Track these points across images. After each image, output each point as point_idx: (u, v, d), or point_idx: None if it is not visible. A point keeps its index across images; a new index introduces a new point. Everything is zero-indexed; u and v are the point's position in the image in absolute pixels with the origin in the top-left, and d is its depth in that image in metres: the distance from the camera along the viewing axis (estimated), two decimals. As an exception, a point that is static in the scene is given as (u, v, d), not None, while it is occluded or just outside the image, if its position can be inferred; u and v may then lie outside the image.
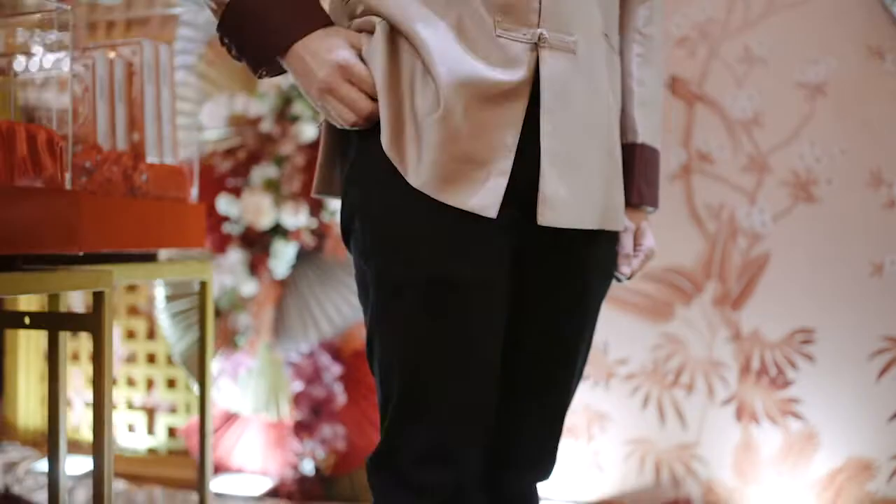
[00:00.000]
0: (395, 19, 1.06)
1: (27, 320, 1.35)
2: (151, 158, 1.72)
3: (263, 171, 2.68)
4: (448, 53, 1.04)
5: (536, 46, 1.07)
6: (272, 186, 2.68)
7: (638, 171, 1.26)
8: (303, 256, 2.76)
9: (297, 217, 2.65)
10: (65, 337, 1.43)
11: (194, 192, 1.84)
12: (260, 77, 1.13)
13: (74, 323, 1.35)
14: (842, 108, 2.43)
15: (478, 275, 1.08)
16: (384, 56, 1.06)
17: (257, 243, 2.69)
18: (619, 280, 1.27)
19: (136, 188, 1.66)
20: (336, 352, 2.76)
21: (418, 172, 1.04)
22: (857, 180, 2.42)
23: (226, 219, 2.75)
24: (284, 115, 2.69)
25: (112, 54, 1.65)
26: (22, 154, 1.25)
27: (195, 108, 2.79)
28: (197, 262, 1.81)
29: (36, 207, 1.25)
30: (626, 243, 1.26)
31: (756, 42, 2.50)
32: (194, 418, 2.93)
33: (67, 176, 1.33)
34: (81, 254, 1.34)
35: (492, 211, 1.05)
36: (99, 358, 1.29)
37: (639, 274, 1.50)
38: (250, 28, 1.07)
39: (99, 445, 1.29)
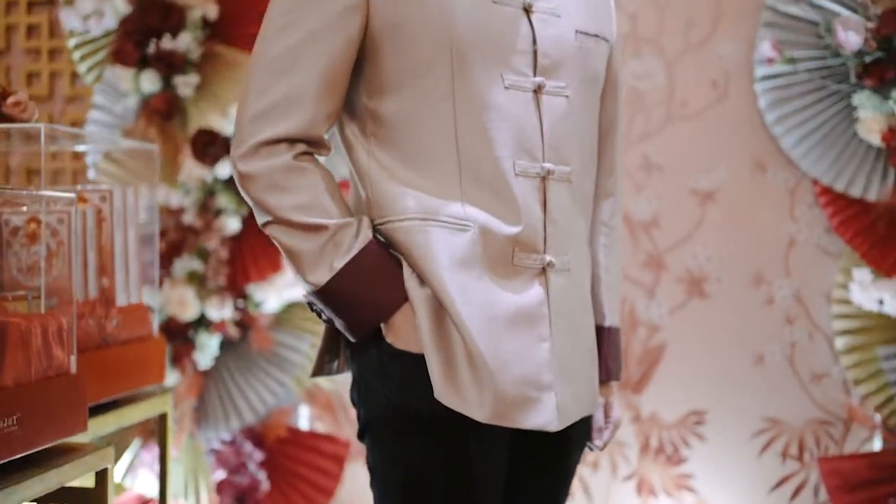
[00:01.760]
0: (428, 278, 1.18)
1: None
2: (120, 300, 1.76)
3: (186, 264, 2.70)
4: (477, 306, 1.17)
5: (545, 270, 1.23)
6: (196, 279, 2.71)
7: (606, 352, 1.44)
8: (226, 346, 2.80)
9: (222, 310, 2.70)
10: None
11: (155, 325, 1.88)
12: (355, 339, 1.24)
13: (79, 499, 1.38)
14: (730, 214, 2.72)
15: (489, 471, 1.23)
16: (428, 322, 1.17)
17: (179, 335, 2.71)
18: (591, 450, 1.44)
19: (107, 335, 1.70)
20: (258, 438, 2.82)
21: (482, 407, 1.17)
22: (742, 279, 2.71)
23: (145, 308, 2.75)
24: (208, 208, 2.72)
25: (84, 206, 1.68)
26: (37, 348, 1.29)
27: (112, 196, 2.76)
28: (158, 397, 1.85)
29: (48, 399, 1.29)
30: (598, 417, 1.43)
31: (654, 151, 2.75)
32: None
33: (73, 359, 1.37)
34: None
35: (554, 425, 1.20)
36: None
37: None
38: (346, 307, 1.19)
39: None
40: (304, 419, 2.92)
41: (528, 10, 1.26)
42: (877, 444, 2.60)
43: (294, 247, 1.20)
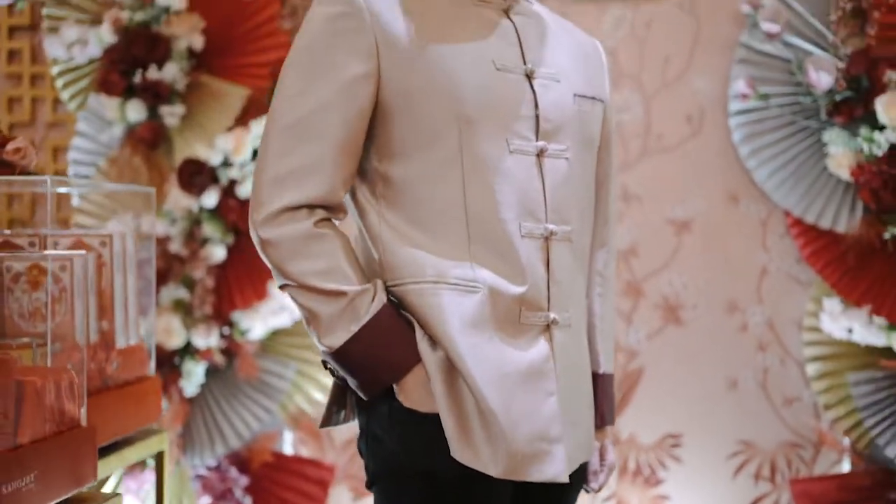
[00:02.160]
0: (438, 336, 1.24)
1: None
2: (119, 342, 1.79)
3: (172, 292, 2.73)
4: (488, 366, 1.23)
5: (549, 326, 1.29)
6: (182, 307, 2.74)
7: (601, 398, 1.50)
8: (211, 373, 2.82)
9: (208, 338, 2.72)
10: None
11: (152, 365, 1.91)
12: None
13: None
14: (705, 244, 2.80)
15: None
16: (441, 383, 1.23)
17: (165, 363, 2.73)
18: (587, 492, 1.50)
19: (107, 378, 1.73)
20: (244, 464, 2.85)
21: (496, 463, 1.22)
22: (716, 307, 2.80)
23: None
24: (194, 237, 2.75)
25: (85, 251, 1.70)
26: (50, 404, 1.32)
27: (99, 223, 2.78)
28: (156, 435, 1.87)
29: (62, 453, 1.33)
30: (594, 461, 1.50)
31: (633, 182, 2.82)
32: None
33: (83, 411, 1.40)
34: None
35: (564, 476, 1.26)
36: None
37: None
38: (360, 369, 1.24)
39: None
40: (288, 444, 2.95)
41: (530, 77, 1.32)
42: (845, 467, 2.70)
43: (313, 310, 1.24)
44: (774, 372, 2.77)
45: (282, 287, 1.28)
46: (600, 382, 1.50)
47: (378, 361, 1.24)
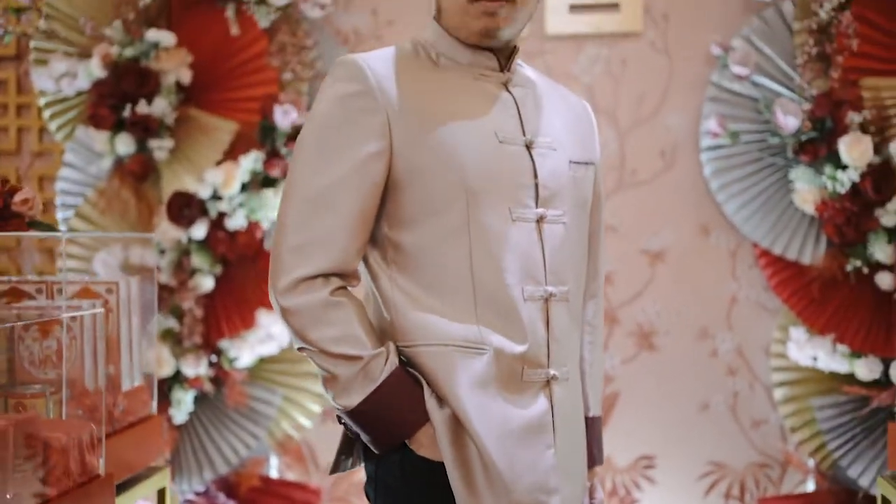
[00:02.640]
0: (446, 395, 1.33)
1: None
2: (125, 385, 1.85)
3: (161, 322, 2.78)
4: (493, 424, 1.32)
5: (549, 382, 1.39)
6: (171, 337, 2.80)
7: (591, 440, 1.59)
8: (199, 400, 2.88)
9: (197, 367, 2.79)
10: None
11: (154, 404, 1.97)
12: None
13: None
14: (677, 273, 2.92)
15: None
16: (447, 439, 1.31)
17: (155, 391, 2.78)
18: (578, 530, 1.60)
19: (114, 420, 1.79)
20: (231, 488, 2.91)
21: None
22: (688, 333, 2.93)
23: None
24: (182, 268, 2.80)
25: (96, 302, 1.77)
26: (74, 458, 1.40)
27: (88, 253, 2.82)
28: (159, 472, 1.94)
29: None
30: (584, 500, 1.60)
31: (608, 214, 2.93)
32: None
33: (101, 462, 1.48)
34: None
35: None
36: None
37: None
38: (373, 426, 1.32)
39: None
40: (274, 468, 3.02)
41: (529, 147, 1.42)
42: (810, 486, 2.84)
43: (331, 372, 1.33)
44: (743, 396, 2.90)
45: (300, 349, 1.36)
46: (590, 425, 1.60)
47: (390, 420, 1.32)
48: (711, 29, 2.85)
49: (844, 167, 2.60)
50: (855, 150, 2.57)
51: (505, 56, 1.46)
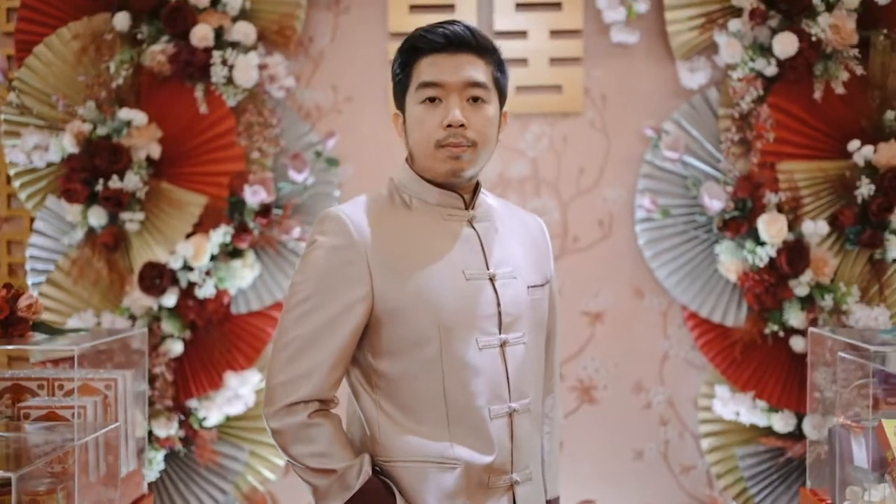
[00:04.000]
0: None
1: None
2: (122, 471, 2.02)
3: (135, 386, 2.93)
4: None
5: (512, 486, 1.61)
6: (141, 400, 2.94)
7: (551, 519, 1.83)
8: (169, 457, 3.04)
9: (168, 429, 2.94)
10: None
11: (145, 484, 2.14)
12: None
13: None
14: (615, 332, 3.19)
15: None
16: None
17: (127, 451, 2.93)
18: None
19: (114, 507, 1.96)
20: (200, 542, 3.07)
21: None
22: (625, 387, 3.20)
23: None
24: (153, 333, 2.95)
25: (96, 398, 1.94)
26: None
27: (60, 320, 2.95)
28: (149, 547, 2.11)
29: None
30: (545, 571, 1.83)
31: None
32: None
33: (118, 558, 1.65)
34: None
35: None
36: None
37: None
38: None
39: None
40: (240, 518, 3.20)
41: (493, 280, 1.64)
42: (734, 526, 3.14)
43: (311, 482, 1.56)
44: (674, 444, 3.19)
45: (288, 463, 1.58)
46: (550, 506, 1.84)
47: None
48: (645, 111, 3.13)
49: (763, 243, 2.90)
50: (772, 228, 2.87)
51: (469, 192, 1.69)
